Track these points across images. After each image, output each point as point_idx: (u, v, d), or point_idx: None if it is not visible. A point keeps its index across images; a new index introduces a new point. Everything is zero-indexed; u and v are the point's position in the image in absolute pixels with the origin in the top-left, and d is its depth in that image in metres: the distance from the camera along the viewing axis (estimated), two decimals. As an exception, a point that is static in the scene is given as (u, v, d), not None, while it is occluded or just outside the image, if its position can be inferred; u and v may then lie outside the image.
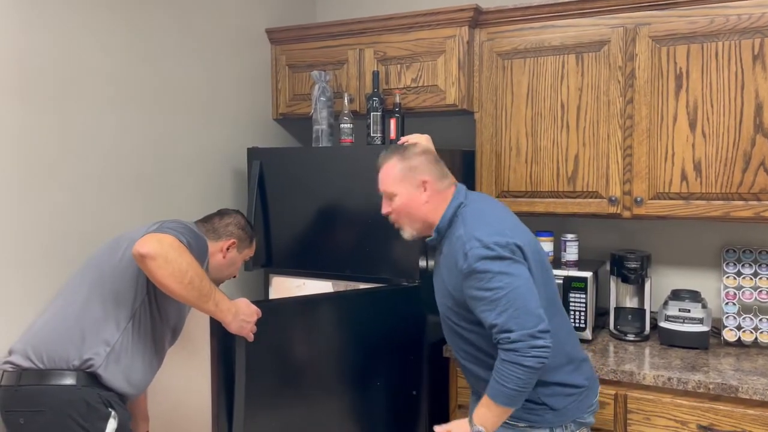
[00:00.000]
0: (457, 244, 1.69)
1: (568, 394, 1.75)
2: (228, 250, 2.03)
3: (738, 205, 2.13)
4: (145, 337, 1.82)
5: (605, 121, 2.29)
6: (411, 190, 1.78)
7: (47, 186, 1.94)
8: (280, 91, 2.85)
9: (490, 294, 1.60)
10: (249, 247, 2.14)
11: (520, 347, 1.56)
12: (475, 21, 2.45)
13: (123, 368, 1.76)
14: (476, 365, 1.80)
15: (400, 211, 1.81)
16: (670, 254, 2.54)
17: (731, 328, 2.30)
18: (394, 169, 1.80)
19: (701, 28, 2.13)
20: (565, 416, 1.74)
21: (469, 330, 1.76)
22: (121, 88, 2.17)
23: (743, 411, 1.91)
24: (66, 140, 1.99)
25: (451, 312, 1.79)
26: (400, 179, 1.79)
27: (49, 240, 1.96)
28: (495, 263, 1.62)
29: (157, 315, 1.84)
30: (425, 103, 2.53)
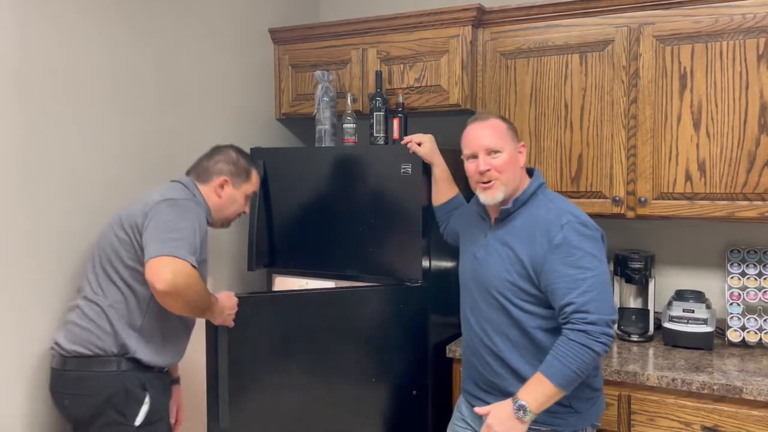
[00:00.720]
0: (549, 215, 1.71)
1: (589, 397, 1.76)
2: (222, 188, 2.01)
3: (742, 206, 2.12)
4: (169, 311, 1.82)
5: (609, 121, 2.28)
6: (513, 150, 1.80)
7: (50, 185, 1.95)
8: (283, 90, 2.85)
9: (576, 272, 1.61)
10: (247, 181, 2.07)
11: (594, 331, 1.58)
12: (479, 20, 2.44)
13: (155, 346, 1.86)
14: (513, 352, 1.74)
15: (504, 168, 1.76)
16: (674, 254, 2.53)
17: (735, 328, 2.29)
18: (502, 126, 1.81)
19: (706, 28, 2.12)
20: (586, 420, 1.75)
21: (522, 309, 1.73)
22: (125, 88, 2.18)
23: (747, 412, 1.90)
24: (69, 140, 1.99)
25: (507, 285, 1.74)
26: (505, 136, 1.79)
27: (52, 240, 1.96)
28: (588, 242, 1.65)
29: None
30: (428, 103, 2.53)
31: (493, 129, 1.80)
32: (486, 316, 1.80)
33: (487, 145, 1.78)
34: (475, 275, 1.84)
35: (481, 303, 1.82)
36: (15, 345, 1.85)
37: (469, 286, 1.88)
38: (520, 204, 1.79)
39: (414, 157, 2.23)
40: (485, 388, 1.84)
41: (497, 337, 1.78)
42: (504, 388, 1.77)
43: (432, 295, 2.32)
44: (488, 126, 1.80)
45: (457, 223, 2.14)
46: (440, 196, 2.23)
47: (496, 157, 1.77)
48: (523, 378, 1.72)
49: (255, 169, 2.12)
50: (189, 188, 1.98)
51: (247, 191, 2.09)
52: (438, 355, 2.33)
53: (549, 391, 1.59)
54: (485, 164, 1.77)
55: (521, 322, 1.73)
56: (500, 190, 1.77)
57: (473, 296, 1.85)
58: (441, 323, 2.40)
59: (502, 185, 1.77)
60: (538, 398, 1.59)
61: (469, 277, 1.88)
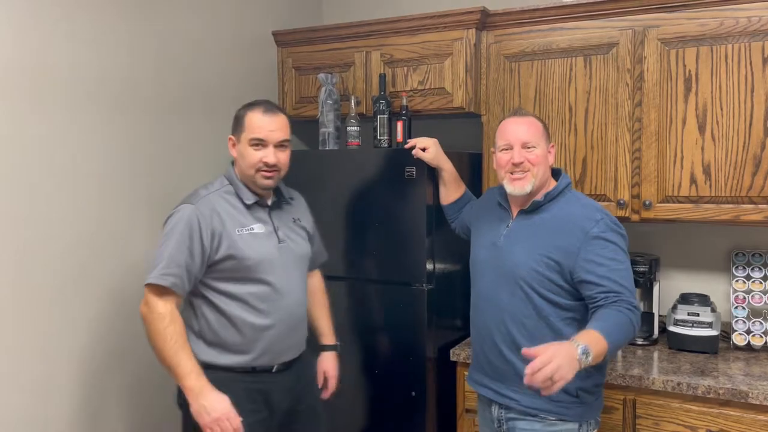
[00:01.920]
0: (584, 210, 1.80)
1: (593, 391, 1.81)
2: (234, 148, 1.92)
3: (747, 209, 2.12)
4: (220, 313, 1.84)
5: (613, 124, 2.28)
6: (545, 148, 1.87)
7: (53, 188, 1.95)
8: (287, 93, 2.85)
9: (613, 263, 1.71)
10: (242, 130, 1.87)
11: (637, 317, 1.66)
12: (483, 23, 2.44)
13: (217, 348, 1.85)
14: (529, 341, 1.72)
15: (537, 162, 1.83)
16: (678, 258, 2.53)
17: (740, 332, 2.28)
18: (538, 125, 1.88)
19: (711, 31, 2.11)
20: (590, 413, 1.80)
21: (546, 299, 1.76)
22: (128, 91, 2.18)
23: (753, 416, 1.89)
24: (72, 143, 2.00)
25: (533, 275, 1.77)
26: (541, 135, 1.86)
27: (56, 242, 1.96)
28: (620, 238, 1.76)
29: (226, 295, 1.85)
30: (432, 105, 2.52)
31: (529, 125, 1.86)
32: (505, 304, 1.82)
33: (523, 139, 1.83)
34: (496, 263, 1.86)
35: (501, 291, 1.83)
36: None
37: (486, 274, 1.89)
38: (550, 198, 1.85)
39: (418, 160, 2.23)
40: (493, 376, 1.88)
41: (514, 327, 1.80)
42: (511, 376, 1.80)
43: (435, 298, 2.31)
44: (526, 122, 1.87)
45: (469, 215, 2.17)
46: (449, 195, 2.27)
47: (530, 151, 1.83)
48: None
49: (252, 110, 1.88)
50: (224, 175, 1.95)
51: (248, 137, 1.86)
52: (442, 358, 2.33)
53: (603, 349, 1.55)
54: (520, 156, 1.83)
55: (542, 311, 1.77)
56: (530, 182, 1.83)
57: (490, 285, 1.87)
58: (444, 326, 2.40)
59: (533, 177, 1.83)
60: (596, 350, 1.53)
61: (487, 265, 1.90)
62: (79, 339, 2.06)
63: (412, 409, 2.29)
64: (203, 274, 1.84)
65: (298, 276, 1.96)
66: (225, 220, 1.84)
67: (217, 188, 1.91)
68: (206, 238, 1.81)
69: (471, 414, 2.27)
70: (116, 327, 2.16)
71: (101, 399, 2.14)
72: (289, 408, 1.95)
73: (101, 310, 2.12)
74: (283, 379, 1.92)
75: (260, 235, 1.88)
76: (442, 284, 2.36)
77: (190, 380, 1.75)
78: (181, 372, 1.75)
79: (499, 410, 1.86)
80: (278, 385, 1.90)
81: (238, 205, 1.89)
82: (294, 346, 1.95)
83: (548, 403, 1.75)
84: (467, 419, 2.29)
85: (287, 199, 2.02)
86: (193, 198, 1.87)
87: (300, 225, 2.02)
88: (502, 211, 1.94)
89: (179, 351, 1.75)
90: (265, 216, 1.92)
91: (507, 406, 1.83)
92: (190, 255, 1.79)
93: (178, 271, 1.78)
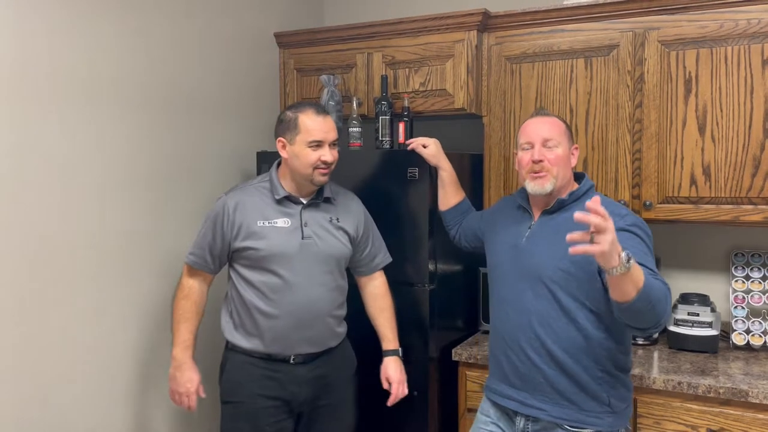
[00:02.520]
0: (609, 207, 1.59)
1: (626, 398, 1.79)
2: (284, 150, 1.97)
3: (747, 210, 2.13)
4: (240, 297, 1.98)
5: (614, 125, 2.29)
6: (567, 148, 1.85)
7: (55, 189, 1.96)
8: (289, 94, 2.86)
9: (642, 255, 1.60)
10: (297, 132, 1.93)
11: (669, 289, 1.57)
12: (484, 25, 2.45)
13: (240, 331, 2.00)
14: (557, 344, 1.73)
15: (557, 162, 1.80)
16: (679, 258, 2.54)
17: (740, 331, 2.30)
18: (560, 125, 1.87)
19: (711, 33, 2.13)
20: (620, 421, 1.77)
21: (573, 297, 1.72)
22: (130, 92, 2.19)
23: (753, 415, 1.91)
24: (74, 144, 2.01)
25: (560, 274, 1.73)
26: (563, 134, 1.85)
27: (56, 242, 1.97)
28: (645, 236, 1.71)
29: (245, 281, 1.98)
30: (434, 107, 2.54)
31: (552, 124, 1.85)
32: (531, 306, 1.78)
33: (544, 136, 1.81)
34: (519, 265, 1.82)
35: (526, 293, 1.79)
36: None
37: (508, 278, 1.86)
38: (575, 197, 1.81)
39: (421, 161, 2.25)
40: (518, 385, 1.80)
41: (541, 329, 1.75)
42: (541, 384, 1.75)
43: (437, 299, 2.33)
44: (548, 121, 1.86)
45: (480, 223, 2.14)
46: (448, 201, 2.25)
47: (551, 149, 1.81)
48: (565, 371, 1.72)
49: (304, 112, 1.95)
50: (267, 172, 2.07)
51: (306, 140, 1.92)
52: (444, 358, 2.34)
53: (639, 278, 1.45)
54: (539, 154, 1.80)
55: (570, 312, 1.72)
56: (550, 181, 1.80)
57: (513, 288, 1.83)
58: (446, 326, 2.41)
59: (552, 177, 1.80)
60: (636, 272, 1.44)
61: (508, 268, 1.86)
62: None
63: (414, 408, 2.30)
64: (232, 260, 2.02)
65: (322, 273, 1.99)
66: (249, 211, 1.97)
67: (254, 183, 2.07)
68: (227, 226, 1.97)
69: (472, 414, 2.28)
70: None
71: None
72: (309, 400, 2.01)
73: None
74: (303, 371, 1.99)
75: (283, 229, 1.96)
76: (444, 284, 2.37)
77: (177, 350, 2.00)
78: (175, 340, 2.01)
79: (525, 422, 1.79)
80: (296, 376, 1.98)
81: (268, 200, 2.00)
82: (309, 340, 1.98)
83: (579, 413, 1.71)
84: (469, 419, 2.30)
85: (329, 198, 2.05)
86: (230, 190, 2.07)
87: (337, 225, 2.04)
88: (523, 213, 1.91)
89: (181, 322, 2.01)
90: (295, 212, 1.99)
91: (534, 417, 1.77)
92: (213, 239, 2.00)
93: (201, 252, 2.02)
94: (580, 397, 1.73)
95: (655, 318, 1.52)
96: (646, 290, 1.45)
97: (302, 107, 1.98)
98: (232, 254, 2.00)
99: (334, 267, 2.03)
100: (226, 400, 2.01)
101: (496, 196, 2.47)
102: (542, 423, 1.76)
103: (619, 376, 1.76)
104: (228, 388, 2.01)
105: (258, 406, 1.95)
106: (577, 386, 1.73)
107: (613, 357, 1.74)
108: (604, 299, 1.66)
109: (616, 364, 1.75)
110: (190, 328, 2.01)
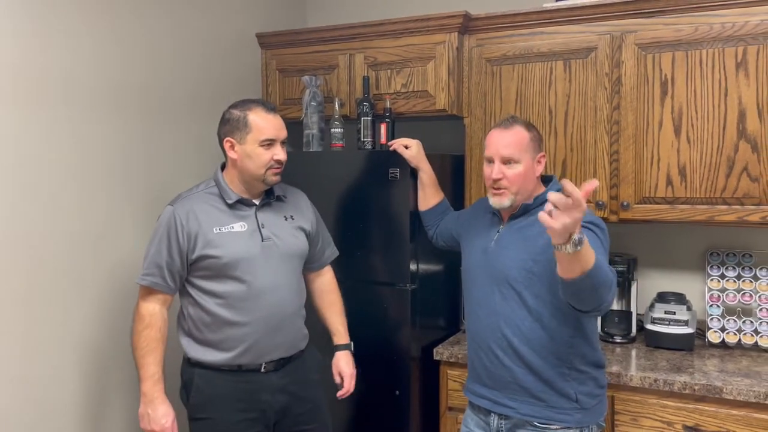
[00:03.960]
0: None
1: (596, 395, 1.81)
2: (233, 150, 1.89)
3: (722, 210, 2.17)
4: (201, 310, 1.88)
5: (592, 127, 2.32)
6: (530, 160, 1.83)
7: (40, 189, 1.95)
8: (271, 95, 2.86)
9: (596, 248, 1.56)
10: (246, 130, 1.86)
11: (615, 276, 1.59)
12: (465, 27, 2.47)
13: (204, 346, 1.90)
14: (524, 344, 1.77)
15: (516, 180, 1.80)
16: (656, 257, 2.58)
17: (715, 329, 2.34)
18: (522, 137, 1.82)
19: (686, 36, 2.17)
20: (591, 418, 1.79)
21: (537, 296, 1.75)
22: (112, 92, 2.17)
23: (727, 411, 1.95)
24: (58, 144, 2.00)
25: (524, 274, 1.76)
26: (525, 148, 1.82)
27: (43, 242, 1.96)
28: (600, 231, 1.74)
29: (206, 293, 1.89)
30: (415, 108, 2.55)
31: (513, 139, 1.82)
32: (499, 308, 1.81)
33: (503, 155, 1.81)
34: (489, 268, 1.85)
35: (494, 295, 1.82)
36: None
37: (478, 280, 1.89)
38: (540, 201, 1.82)
39: (402, 162, 2.26)
40: (490, 384, 1.85)
41: (508, 329, 1.79)
42: (510, 383, 1.79)
43: (418, 298, 2.34)
44: (510, 135, 1.83)
45: (456, 224, 2.16)
46: (427, 202, 2.27)
47: (511, 167, 1.81)
48: (533, 369, 1.75)
49: (253, 110, 1.87)
50: (212, 177, 1.98)
51: (258, 138, 1.86)
52: (425, 357, 2.36)
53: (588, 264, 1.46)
54: (498, 173, 1.81)
55: (535, 312, 1.75)
56: (508, 198, 1.82)
57: (483, 290, 1.86)
58: (428, 326, 2.43)
59: (511, 194, 1.82)
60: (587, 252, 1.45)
61: (479, 271, 1.89)
62: (78, 336, 2.09)
63: (396, 407, 2.32)
64: (188, 273, 1.89)
65: (286, 274, 1.96)
66: (202, 220, 1.87)
67: (200, 189, 1.96)
68: (182, 238, 1.85)
69: (454, 412, 2.31)
70: (112, 324, 2.19)
71: (102, 395, 2.18)
72: (284, 408, 1.95)
73: (99, 307, 2.15)
74: (274, 378, 1.93)
75: (241, 233, 1.89)
76: (425, 284, 2.39)
77: (146, 385, 1.84)
78: (142, 374, 1.85)
79: (498, 420, 1.83)
80: (268, 384, 1.92)
81: (219, 205, 1.92)
82: (282, 345, 1.94)
83: (548, 410, 1.74)
84: (450, 417, 2.32)
85: (279, 196, 2.02)
86: (175, 200, 1.94)
87: (293, 223, 2.02)
88: (493, 217, 1.94)
89: (147, 355, 1.84)
90: (249, 214, 1.93)
91: (506, 415, 1.81)
92: (169, 255, 1.86)
93: (158, 272, 1.86)
94: (548, 394, 1.76)
95: (597, 301, 1.55)
96: (593, 273, 1.47)
97: (250, 105, 1.90)
98: (188, 267, 1.88)
99: (297, 266, 2.01)
100: (195, 417, 1.90)
101: (477, 196, 2.49)
102: (513, 420, 1.80)
103: (589, 372, 1.79)
104: (197, 404, 1.89)
105: (231, 420, 1.87)
106: (545, 384, 1.76)
107: (581, 354, 1.77)
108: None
109: (583, 360, 1.78)
110: (156, 360, 1.84)
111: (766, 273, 2.33)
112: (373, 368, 2.35)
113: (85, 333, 2.11)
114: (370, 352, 2.34)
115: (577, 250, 1.41)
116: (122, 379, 2.22)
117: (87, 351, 2.11)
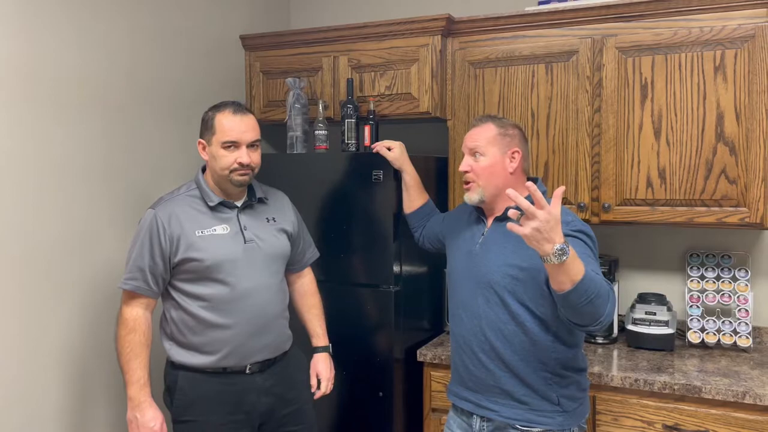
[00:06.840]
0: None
1: (577, 398, 1.81)
2: (205, 151, 1.93)
3: (701, 211, 2.20)
4: (184, 313, 1.88)
5: (574, 129, 2.34)
6: (499, 155, 1.83)
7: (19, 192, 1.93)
8: (255, 97, 2.86)
9: (584, 256, 1.58)
10: (212, 132, 1.88)
11: (611, 286, 1.58)
12: (448, 30, 2.49)
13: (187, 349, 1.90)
14: (507, 348, 1.76)
15: (481, 173, 1.82)
16: (636, 259, 2.61)
17: (695, 330, 2.37)
18: (489, 131, 1.85)
19: (665, 40, 2.20)
20: (573, 420, 1.79)
21: (520, 302, 1.74)
22: (96, 93, 2.16)
23: (707, 411, 1.97)
24: (37, 146, 1.98)
25: (508, 279, 1.75)
26: (491, 141, 1.84)
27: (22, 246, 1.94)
28: (589, 240, 1.74)
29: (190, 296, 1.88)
30: (399, 110, 2.56)
31: (478, 133, 1.86)
32: (482, 311, 1.81)
33: (469, 146, 1.85)
34: (473, 271, 1.85)
35: (478, 299, 1.82)
36: None
37: (463, 283, 1.88)
38: None
39: (385, 164, 2.27)
40: (473, 387, 1.84)
41: (491, 333, 1.79)
42: (493, 386, 1.79)
43: (402, 300, 2.35)
44: (477, 130, 1.87)
45: (441, 226, 2.17)
46: (412, 204, 2.27)
47: (477, 159, 1.84)
48: (515, 373, 1.76)
49: (221, 111, 1.89)
50: (193, 180, 1.98)
51: (220, 140, 1.86)
52: (409, 359, 2.36)
53: (576, 276, 1.46)
54: (465, 165, 1.85)
55: (518, 316, 1.75)
56: (476, 192, 1.83)
57: (467, 293, 1.86)
58: (411, 327, 2.44)
59: (479, 188, 1.83)
60: (575, 265, 1.45)
61: (464, 274, 1.89)
62: (60, 339, 2.07)
63: (379, 409, 2.32)
64: (171, 276, 1.88)
65: (269, 276, 1.96)
66: (184, 222, 1.88)
67: (181, 192, 1.96)
68: (165, 241, 1.85)
69: (437, 413, 2.31)
70: (95, 328, 2.17)
71: (85, 398, 2.16)
72: (269, 410, 1.95)
73: (80, 310, 2.13)
74: (259, 380, 1.93)
75: (223, 236, 1.90)
76: (408, 286, 2.40)
77: (133, 390, 1.84)
78: (128, 379, 1.84)
79: (480, 423, 1.83)
80: (253, 386, 1.92)
81: (201, 208, 1.92)
82: (266, 346, 1.94)
83: (529, 413, 1.74)
84: (434, 419, 2.33)
85: (261, 198, 2.02)
86: (157, 203, 1.93)
87: (275, 224, 2.02)
88: (478, 220, 1.94)
89: (132, 359, 1.84)
90: (231, 217, 1.94)
91: (488, 418, 1.81)
92: (151, 258, 1.86)
93: (141, 275, 1.86)
94: (530, 398, 1.76)
95: (594, 316, 1.52)
96: (584, 285, 1.46)
97: (221, 107, 1.90)
98: (171, 270, 1.87)
99: (280, 267, 2.02)
100: (179, 420, 1.89)
101: (461, 198, 2.48)
102: (495, 423, 1.80)
103: (571, 376, 1.79)
104: (181, 407, 1.89)
105: (215, 422, 1.87)
106: (527, 387, 1.76)
107: (562, 359, 1.77)
108: (550, 305, 1.70)
109: (565, 365, 1.78)
110: (142, 364, 1.84)
111: (744, 274, 2.37)
112: (356, 370, 2.35)
113: (67, 337, 2.09)
114: (354, 353, 2.34)
115: (562, 260, 1.42)
116: (107, 384, 2.21)
117: (68, 355, 2.09)
